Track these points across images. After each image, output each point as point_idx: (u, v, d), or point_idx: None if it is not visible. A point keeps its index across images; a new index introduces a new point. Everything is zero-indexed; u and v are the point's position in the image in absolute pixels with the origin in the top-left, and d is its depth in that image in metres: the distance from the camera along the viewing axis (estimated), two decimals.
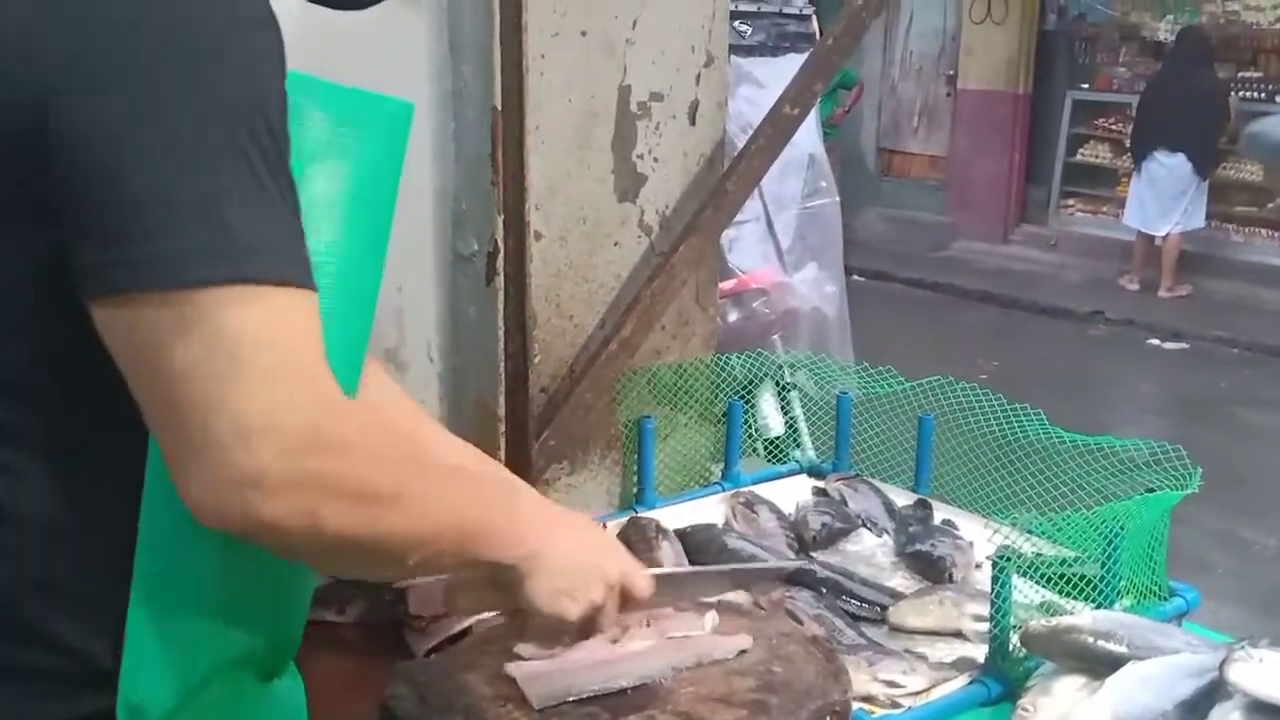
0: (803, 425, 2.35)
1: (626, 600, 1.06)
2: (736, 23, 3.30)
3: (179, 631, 0.89)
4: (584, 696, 1.14)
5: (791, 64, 3.10)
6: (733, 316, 3.23)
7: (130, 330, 0.79)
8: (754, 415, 2.35)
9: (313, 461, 0.80)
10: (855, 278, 9.33)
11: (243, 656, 0.95)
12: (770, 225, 3.31)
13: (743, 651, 1.22)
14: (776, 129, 1.97)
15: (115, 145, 0.79)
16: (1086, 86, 9.82)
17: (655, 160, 1.95)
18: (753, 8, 3.35)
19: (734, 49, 3.11)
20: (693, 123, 1.98)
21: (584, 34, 1.81)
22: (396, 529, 0.87)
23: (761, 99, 2.75)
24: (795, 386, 2.32)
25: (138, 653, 0.88)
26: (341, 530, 0.83)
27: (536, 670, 1.16)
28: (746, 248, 3.23)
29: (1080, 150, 9.80)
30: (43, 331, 0.84)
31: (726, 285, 3.07)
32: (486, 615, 1.31)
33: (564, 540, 1.01)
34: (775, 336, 3.00)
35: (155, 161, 0.79)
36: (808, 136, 3.45)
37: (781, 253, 3.36)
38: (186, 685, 0.90)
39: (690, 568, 1.23)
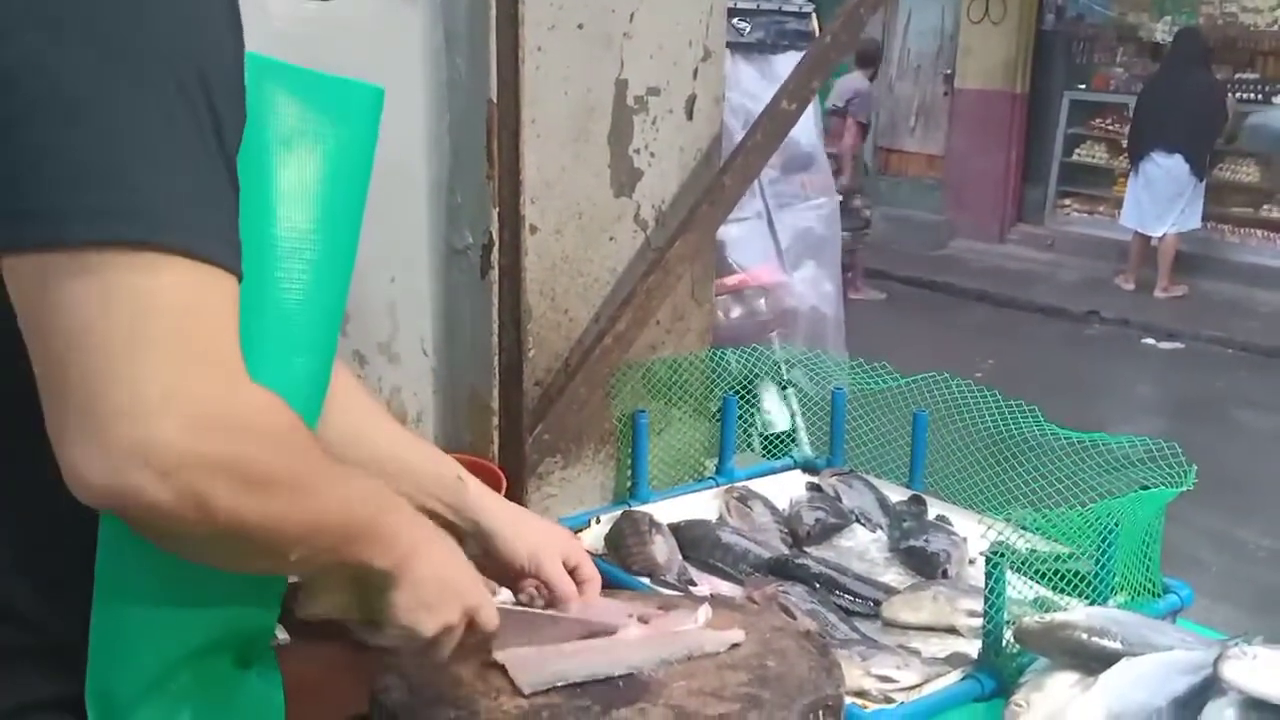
0: (800, 422, 2.34)
1: (471, 629, 1.05)
2: (735, 20, 3.29)
3: (146, 616, 0.88)
4: (573, 683, 1.14)
5: (790, 61, 3.10)
6: (735, 313, 3.22)
7: (31, 287, 0.75)
8: (756, 411, 2.34)
9: (211, 441, 0.76)
10: (851, 275, 9.36)
11: (215, 643, 0.94)
12: (771, 223, 3.31)
13: (735, 645, 1.22)
14: (774, 124, 1.97)
15: (21, 87, 0.74)
16: (1084, 87, 9.83)
17: (652, 155, 1.95)
18: (752, 5, 3.34)
19: (733, 46, 3.10)
20: (690, 118, 1.98)
21: (580, 27, 1.81)
22: (289, 519, 0.83)
23: (760, 95, 2.74)
24: (792, 384, 2.32)
25: (104, 637, 0.86)
26: (232, 516, 0.78)
27: (525, 656, 1.16)
28: (747, 245, 3.22)
29: (1077, 150, 9.82)
30: None
31: (729, 281, 3.07)
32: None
33: (433, 556, 0.99)
34: (773, 335, 2.99)
35: (66, 108, 0.74)
36: (808, 136, 3.44)
37: (781, 251, 3.35)
38: (156, 671, 0.89)
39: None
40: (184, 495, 0.75)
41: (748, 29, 3.08)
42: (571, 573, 1.26)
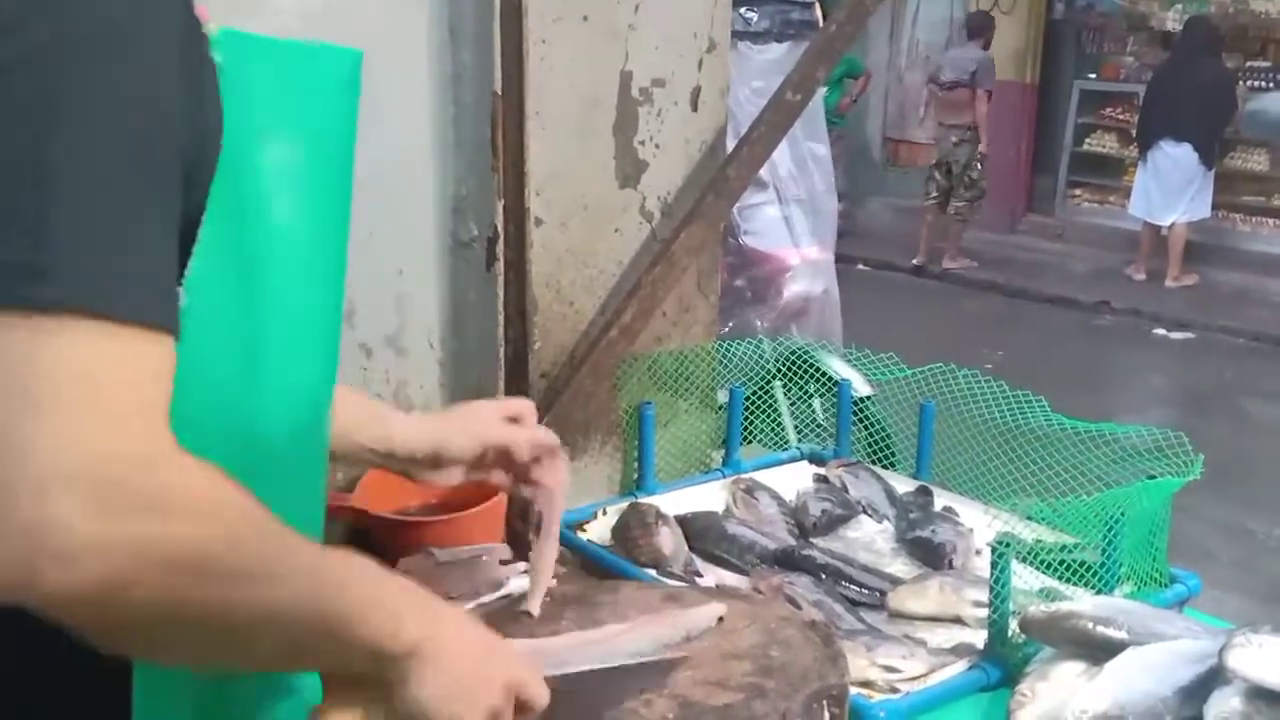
0: (788, 418, 2.34)
1: (520, 710, 0.91)
2: (742, 9, 3.30)
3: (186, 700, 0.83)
4: (575, 673, 1.14)
5: (795, 51, 3.11)
6: (787, 295, 3.22)
7: None
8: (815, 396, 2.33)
9: (126, 520, 0.66)
10: (860, 267, 9.36)
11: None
12: (781, 205, 3.31)
13: (720, 619, 1.22)
14: (779, 115, 1.96)
15: None
16: (1094, 76, 9.80)
17: (657, 146, 1.94)
18: None
19: (739, 35, 3.10)
20: (695, 109, 1.98)
21: (585, 19, 1.80)
22: (239, 606, 0.72)
23: (766, 86, 2.75)
24: (782, 376, 2.29)
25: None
26: (160, 606, 0.68)
27: (525, 648, 1.16)
28: (761, 227, 3.23)
29: (1087, 140, 9.79)
30: None
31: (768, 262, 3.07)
32: (487, 598, 1.31)
33: (451, 635, 0.85)
34: (794, 324, 2.99)
35: None
36: (813, 135, 3.45)
37: (792, 230, 3.36)
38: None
39: (589, 666, 1.12)
40: (95, 583, 0.65)
41: (755, 19, 3.08)
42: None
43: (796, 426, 2.34)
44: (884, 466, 2.06)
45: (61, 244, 0.66)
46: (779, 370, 2.24)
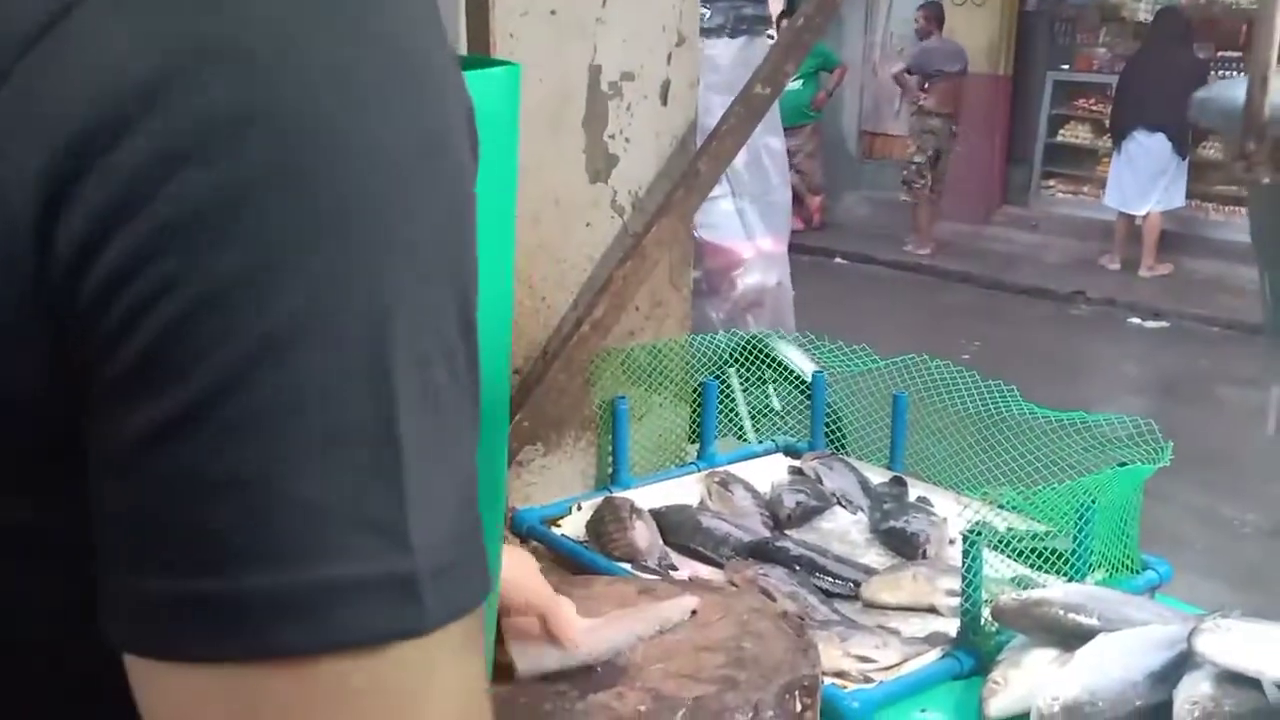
0: (744, 410, 2.35)
1: None
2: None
3: None
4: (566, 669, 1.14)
5: (748, 46, 3.13)
6: (741, 288, 3.23)
7: (203, 710, 0.43)
8: (748, 395, 2.34)
9: None
10: (838, 260, 9.39)
11: None
12: (734, 198, 3.32)
13: (694, 612, 1.22)
14: (748, 109, 1.96)
15: (197, 375, 0.41)
16: (1067, 67, 9.84)
17: (627, 140, 1.94)
18: None
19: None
20: (664, 103, 1.97)
21: (553, 13, 1.80)
22: None
23: (716, 81, 2.76)
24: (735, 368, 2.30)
25: None
26: None
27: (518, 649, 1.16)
28: (716, 220, 3.25)
29: (1061, 131, 9.83)
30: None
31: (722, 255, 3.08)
32: None
33: None
34: (749, 315, 3.00)
35: (278, 416, 0.42)
36: (768, 129, 3.46)
37: (745, 223, 3.39)
38: None
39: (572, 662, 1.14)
40: None
41: (708, 14, 3.10)
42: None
43: (752, 415, 2.36)
44: (835, 449, 2.07)
45: (423, 535, 0.44)
46: (733, 359, 2.25)
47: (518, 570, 1.15)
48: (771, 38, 3.38)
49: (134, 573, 0.43)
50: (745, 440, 2.22)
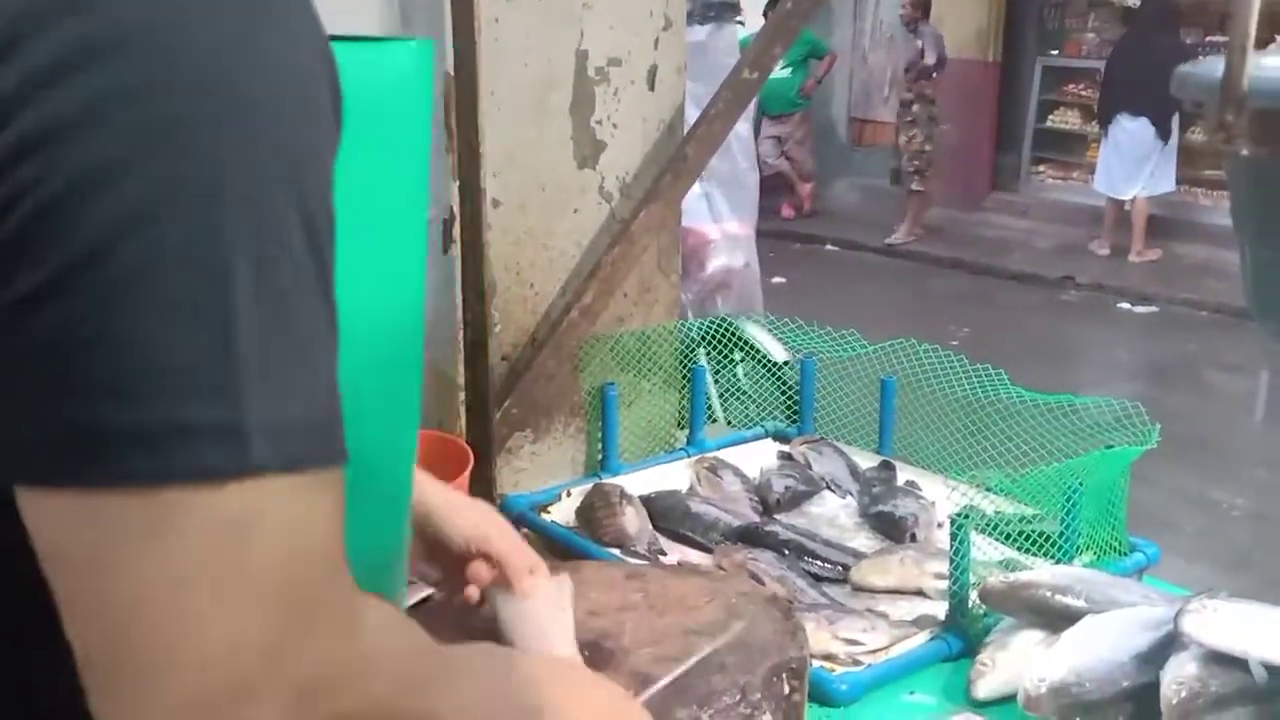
0: (715, 398, 2.37)
1: None
2: None
3: None
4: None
5: (716, 33, 3.13)
6: (710, 269, 3.26)
7: (72, 530, 0.53)
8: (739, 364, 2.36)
9: (328, 706, 0.58)
10: (829, 247, 9.39)
11: None
12: (702, 182, 3.35)
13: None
14: (735, 94, 1.95)
15: (92, 273, 0.51)
16: (1056, 53, 9.83)
17: (614, 126, 1.93)
18: None
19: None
20: (652, 88, 1.97)
21: None
22: None
23: (690, 68, 2.77)
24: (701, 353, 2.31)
25: None
26: None
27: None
28: (684, 205, 3.30)
29: (1050, 117, 9.83)
30: None
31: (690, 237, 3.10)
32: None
33: (581, 711, 0.89)
34: (717, 296, 3.01)
35: (139, 270, 0.51)
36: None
37: (713, 207, 3.42)
38: None
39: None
40: None
41: None
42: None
43: (721, 395, 2.38)
44: (800, 429, 2.08)
45: (256, 392, 0.53)
46: (703, 340, 2.27)
47: (481, 520, 1.18)
48: (741, 24, 3.39)
49: (18, 414, 0.52)
50: (714, 420, 2.24)
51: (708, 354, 2.27)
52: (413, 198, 0.86)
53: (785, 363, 2.37)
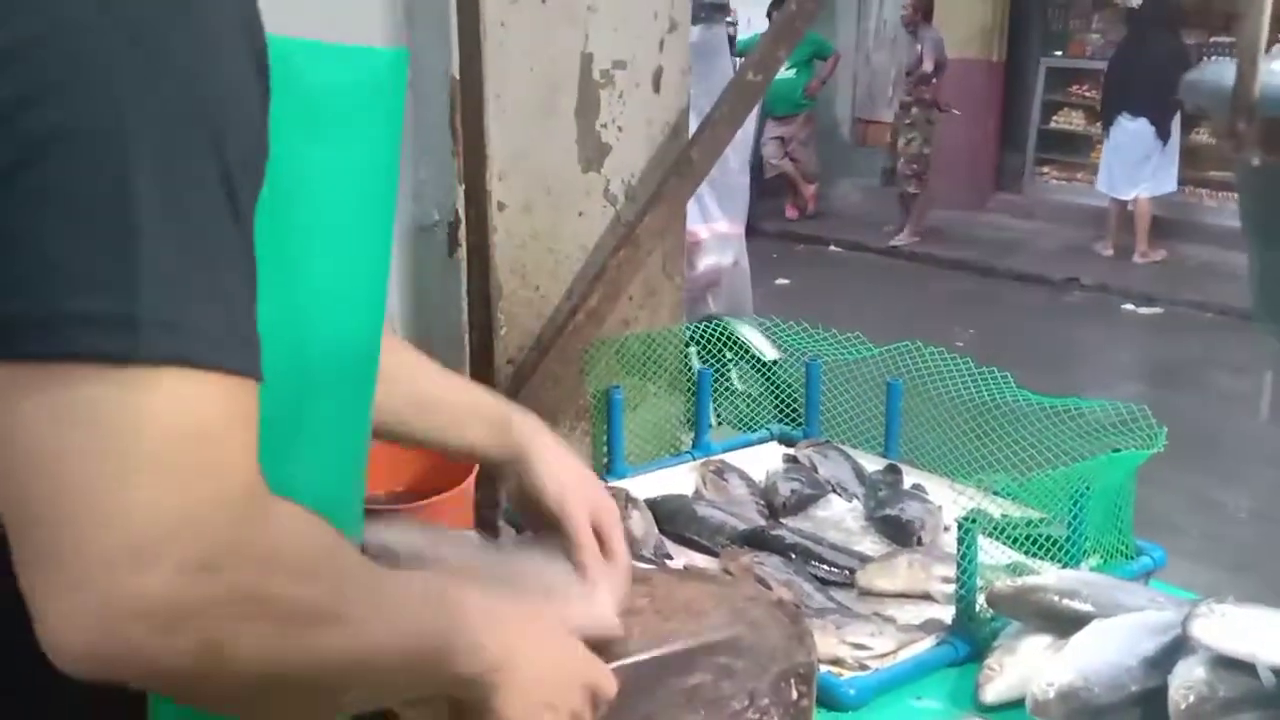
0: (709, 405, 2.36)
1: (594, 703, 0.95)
2: None
3: None
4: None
5: (706, 33, 3.14)
6: (700, 268, 3.28)
7: None
8: (731, 364, 2.36)
9: (225, 581, 0.63)
10: (832, 248, 9.39)
11: None
12: None
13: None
14: (740, 96, 1.96)
15: (11, 167, 0.61)
16: (1060, 54, 9.84)
17: (619, 129, 1.94)
18: None
19: None
20: (657, 90, 1.97)
21: (544, 1, 1.79)
22: (333, 655, 0.71)
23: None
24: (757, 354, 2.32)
25: None
26: (263, 664, 0.67)
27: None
28: None
29: (1054, 118, 9.83)
30: None
31: (692, 234, 3.12)
32: None
33: (530, 649, 0.88)
34: (708, 294, 3.02)
35: (41, 189, 0.61)
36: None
37: (703, 207, 3.44)
38: None
39: (648, 655, 1.11)
40: (197, 649, 0.63)
41: None
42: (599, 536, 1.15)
43: (714, 396, 2.38)
44: (794, 426, 2.09)
45: (152, 292, 0.61)
46: (692, 339, 2.27)
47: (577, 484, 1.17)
48: (732, 24, 3.42)
49: None
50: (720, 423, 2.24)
51: (699, 354, 2.27)
52: (378, 202, 0.89)
53: (775, 361, 2.37)
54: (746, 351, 2.43)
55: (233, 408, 0.65)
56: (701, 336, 2.30)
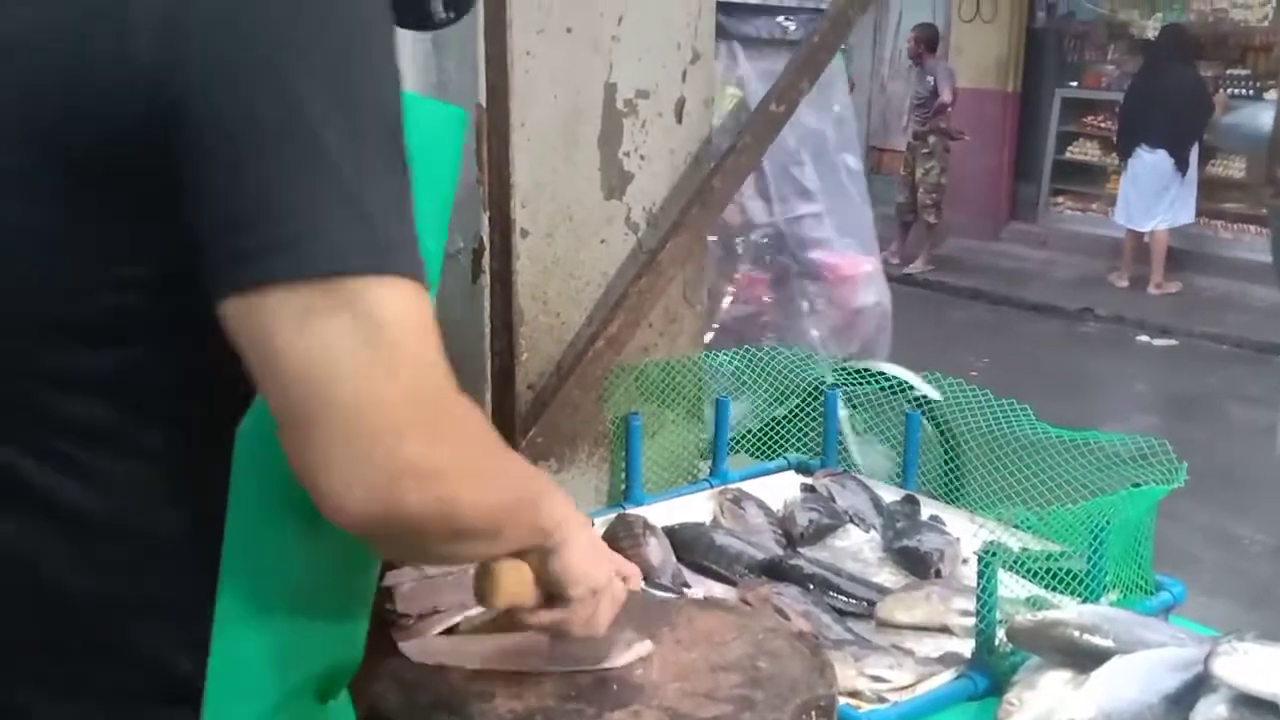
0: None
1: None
2: (780, 18, 3.33)
3: (265, 646, 0.89)
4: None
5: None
6: (850, 302, 3.15)
7: (273, 321, 0.76)
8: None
9: (451, 446, 0.81)
10: None
11: (311, 679, 0.94)
12: (828, 216, 3.29)
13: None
14: (763, 126, 1.97)
15: (260, 133, 0.77)
16: (1075, 84, 9.84)
17: (642, 158, 1.95)
18: (793, 2, 3.38)
19: (778, 44, 3.11)
20: (679, 120, 1.98)
21: (569, 30, 1.81)
22: (502, 504, 0.91)
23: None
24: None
25: (224, 670, 0.86)
26: (472, 512, 0.85)
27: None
28: (816, 236, 3.20)
29: (1069, 148, 9.83)
30: (154, 334, 0.83)
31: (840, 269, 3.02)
32: (471, 612, 1.31)
33: (577, 519, 1.05)
34: (849, 333, 2.94)
35: (303, 149, 0.77)
36: (845, 146, 3.42)
37: (840, 244, 3.34)
38: (267, 705, 0.89)
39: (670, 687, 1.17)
40: (439, 502, 0.81)
41: (793, 27, 3.09)
42: None
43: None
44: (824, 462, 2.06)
45: (382, 225, 0.79)
46: (839, 381, 2.18)
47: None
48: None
49: (214, 244, 0.77)
50: (855, 466, 2.14)
51: (844, 397, 2.15)
52: (428, 247, 0.95)
53: (937, 402, 2.26)
54: (906, 390, 2.31)
55: (431, 312, 0.82)
56: (849, 379, 2.22)
